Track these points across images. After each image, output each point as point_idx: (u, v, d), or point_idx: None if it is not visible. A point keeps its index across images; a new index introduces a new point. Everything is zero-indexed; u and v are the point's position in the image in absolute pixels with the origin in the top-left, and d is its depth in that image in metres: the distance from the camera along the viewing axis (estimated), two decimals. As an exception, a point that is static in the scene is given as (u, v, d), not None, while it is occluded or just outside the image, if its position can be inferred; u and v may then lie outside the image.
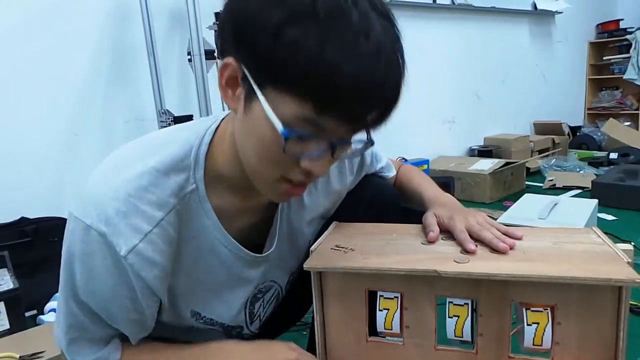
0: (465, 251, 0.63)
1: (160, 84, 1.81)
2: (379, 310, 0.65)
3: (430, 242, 0.67)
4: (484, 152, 3.14)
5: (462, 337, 0.62)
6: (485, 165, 2.60)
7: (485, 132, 3.35)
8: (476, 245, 0.64)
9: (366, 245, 0.68)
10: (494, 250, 0.63)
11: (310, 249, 0.68)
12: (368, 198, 0.82)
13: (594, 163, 3.12)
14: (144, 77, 1.83)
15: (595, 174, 2.80)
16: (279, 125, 0.50)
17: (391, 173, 0.91)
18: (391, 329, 0.65)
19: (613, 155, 3.14)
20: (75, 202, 0.57)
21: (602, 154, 3.32)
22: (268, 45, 0.47)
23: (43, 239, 1.50)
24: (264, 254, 0.71)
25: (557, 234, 0.68)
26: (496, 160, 2.67)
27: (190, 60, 1.71)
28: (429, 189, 0.82)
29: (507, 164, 2.64)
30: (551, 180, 2.77)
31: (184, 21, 1.74)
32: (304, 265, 0.63)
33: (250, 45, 0.49)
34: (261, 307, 0.77)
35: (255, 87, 0.51)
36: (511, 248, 0.62)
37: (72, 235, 0.56)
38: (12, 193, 1.61)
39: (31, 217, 1.56)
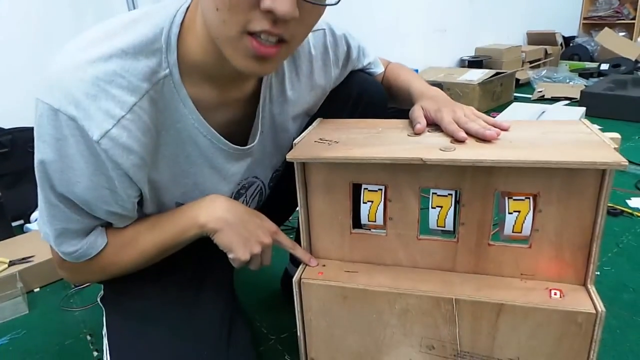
0: (456, 140, 0.62)
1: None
2: (363, 202, 0.65)
3: (417, 134, 0.66)
4: (475, 62, 3.06)
5: (444, 226, 0.63)
6: (475, 75, 2.55)
7: (477, 42, 3.25)
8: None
9: (351, 138, 0.67)
10: (481, 140, 0.62)
11: (294, 141, 0.66)
12: (354, 95, 0.79)
13: (585, 74, 3.07)
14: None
15: (585, 85, 2.77)
16: None
17: (379, 69, 0.87)
18: (375, 221, 0.65)
19: (604, 66, 3.09)
20: (41, 85, 0.53)
21: (594, 64, 3.26)
22: None
23: (21, 149, 1.46)
24: (246, 147, 0.69)
25: (545, 125, 0.67)
26: (486, 71, 2.61)
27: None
28: (416, 83, 0.79)
29: (497, 74, 2.58)
30: (540, 91, 2.73)
31: None
32: (287, 156, 0.62)
33: None
34: (244, 203, 0.77)
35: None
36: (498, 136, 0.61)
37: (40, 120, 0.53)
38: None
39: (6, 127, 1.51)
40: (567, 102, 2.57)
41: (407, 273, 0.65)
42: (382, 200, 0.64)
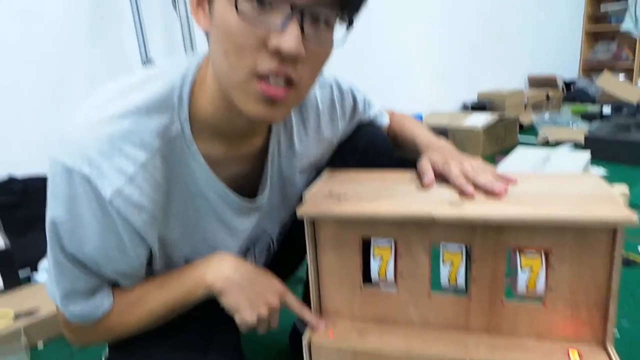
0: (464, 195, 0.62)
1: (144, 31, 1.74)
2: (373, 258, 0.64)
3: (426, 187, 0.66)
4: (478, 106, 3.11)
5: (456, 283, 0.62)
6: (478, 120, 2.58)
7: (479, 86, 3.31)
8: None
9: (360, 191, 0.67)
10: (489, 194, 0.62)
11: (304, 196, 0.67)
12: (361, 146, 0.81)
13: (587, 117, 3.10)
14: (127, 26, 1.76)
15: (588, 129, 2.79)
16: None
17: (384, 120, 0.89)
18: (385, 277, 0.65)
19: (606, 109, 3.12)
20: (56, 144, 0.55)
21: (596, 108, 3.30)
22: None
23: (32, 197, 1.48)
24: (254, 202, 0.70)
25: (552, 178, 0.67)
26: (489, 115, 2.64)
27: (174, 4, 1.64)
28: (423, 134, 0.80)
29: (500, 118, 2.62)
30: (544, 135, 2.76)
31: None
32: (297, 212, 0.62)
33: None
34: (253, 258, 0.77)
35: None
36: (506, 191, 0.62)
37: (54, 179, 0.54)
38: (-2, 152, 1.57)
39: (19, 175, 1.54)
40: (572, 145, 2.58)
41: (420, 332, 0.63)
42: (393, 255, 0.64)
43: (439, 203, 0.60)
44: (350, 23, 0.54)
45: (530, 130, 3.08)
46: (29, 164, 1.57)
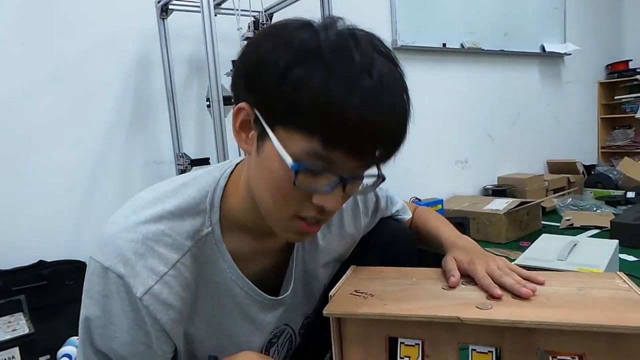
0: (491, 297, 0.62)
1: (178, 128, 1.86)
2: (400, 357, 0.63)
3: (451, 287, 0.67)
4: (498, 191, 3.12)
5: (486, 386, 0.60)
6: (500, 204, 2.57)
7: (499, 171, 3.34)
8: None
9: (386, 290, 0.68)
10: (516, 296, 0.62)
11: (329, 294, 0.68)
12: (384, 242, 0.82)
13: (612, 202, 3.07)
14: (164, 123, 1.89)
15: (614, 213, 2.75)
16: (288, 160, 0.51)
17: (407, 216, 0.91)
18: (413, 378, 0.63)
19: (630, 194, 3.09)
20: (94, 245, 0.58)
21: (619, 192, 3.27)
22: (276, 86, 0.50)
23: (60, 283, 1.51)
24: (279, 297, 0.71)
25: (580, 279, 0.67)
26: (511, 200, 2.64)
27: (209, 106, 1.76)
28: (447, 232, 0.82)
29: (522, 203, 2.61)
30: (568, 219, 2.72)
31: (203, 68, 1.80)
32: (324, 312, 0.63)
33: (260, 88, 0.52)
34: (276, 352, 0.76)
35: (266, 127, 0.53)
36: (534, 293, 0.61)
37: (90, 278, 0.57)
38: (31, 236, 1.63)
39: (49, 260, 1.58)
40: (597, 231, 2.53)
41: None
42: (420, 355, 0.63)
43: (466, 304, 0.60)
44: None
45: (553, 214, 3.04)
46: (59, 249, 1.62)
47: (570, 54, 3.74)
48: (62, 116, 1.71)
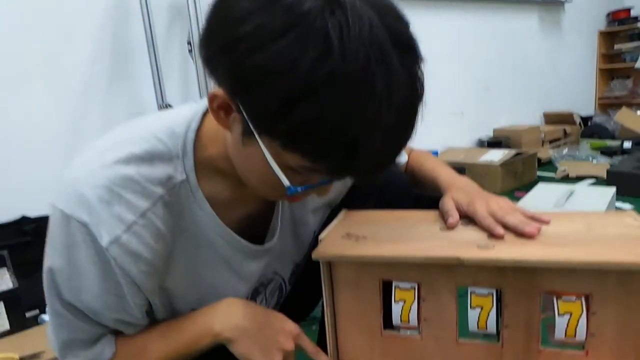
0: (493, 236, 0.58)
1: (161, 77, 1.78)
2: (395, 301, 0.60)
3: (450, 228, 0.62)
4: (494, 143, 3.08)
5: (486, 329, 0.57)
6: (496, 155, 2.54)
7: (495, 123, 3.29)
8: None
9: (379, 232, 0.63)
10: (520, 235, 0.57)
11: (319, 237, 0.63)
12: (378, 186, 0.77)
13: (607, 152, 3.04)
14: (145, 72, 1.80)
15: (610, 164, 2.73)
16: (286, 182, 0.50)
17: (402, 159, 0.86)
18: (408, 322, 0.60)
19: (627, 144, 3.06)
20: (57, 190, 0.53)
21: (616, 142, 3.24)
22: (278, 117, 0.43)
23: (43, 239, 1.46)
24: (264, 246, 0.67)
25: (588, 218, 0.62)
26: (506, 151, 2.61)
27: (190, 50, 1.68)
28: (444, 172, 0.77)
29: (517, 154, 2.58)
30: (564, 169, 2.70)
31: (184, 14, 1.70)
32: (312, 255, 0.59)
33: (254, 103, 0.44)
34: (263, 300, 0.73)
35: (259, 140, 0.48)
36: (539, 232, 0.57)
37: (53, 227, 0.52)
38: (13, 192, 1.58)
39: (32, 215, 1.53)
40: (593, 180, 2.52)
41: (448, 384, 0.58)
42: (416, 299, 0.59)
43: (465, 245, 0.56)
44: None
45: (548, 165, 3.02)
46: (43, 205, 1.57)
47: (570, 1, 3.61)
48: (35, 67, 1.62)
